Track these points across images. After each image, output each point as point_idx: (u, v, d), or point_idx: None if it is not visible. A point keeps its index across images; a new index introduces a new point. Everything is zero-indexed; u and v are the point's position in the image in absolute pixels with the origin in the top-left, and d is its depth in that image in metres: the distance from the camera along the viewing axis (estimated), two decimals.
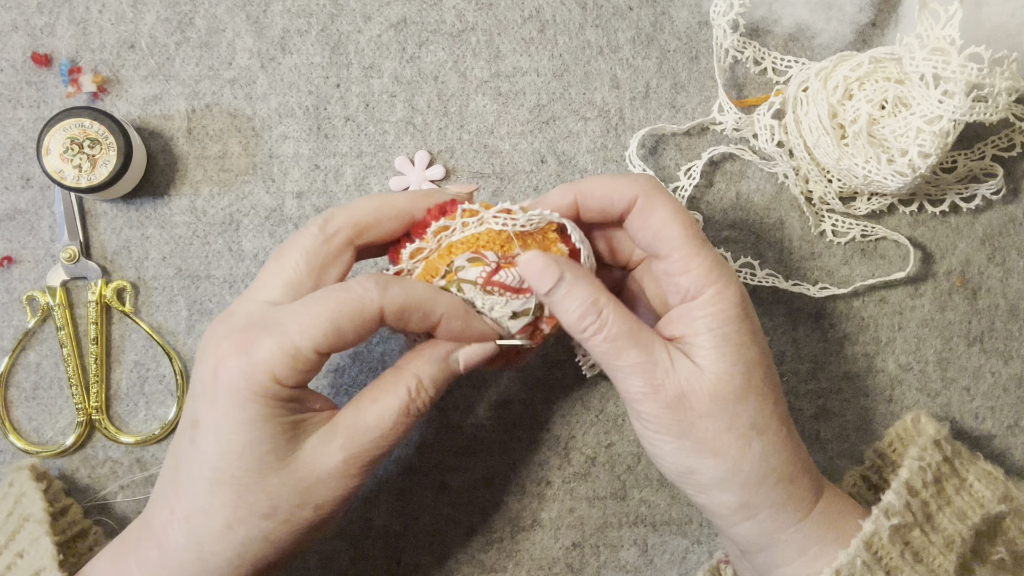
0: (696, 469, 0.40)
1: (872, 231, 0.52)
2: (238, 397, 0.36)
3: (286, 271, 0.39)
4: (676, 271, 0.40)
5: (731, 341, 0.39)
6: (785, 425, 0.40)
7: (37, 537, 0.42)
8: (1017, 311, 0.53)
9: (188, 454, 0.37)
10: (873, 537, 0.39)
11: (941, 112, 0.45)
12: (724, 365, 0.39)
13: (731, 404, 0.39)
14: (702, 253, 0.40)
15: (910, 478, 0.42)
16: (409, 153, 0.51)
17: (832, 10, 0.51)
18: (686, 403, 0.39)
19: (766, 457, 0.39)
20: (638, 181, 0.41)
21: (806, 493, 0.40)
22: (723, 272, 0.40)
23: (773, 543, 0.40)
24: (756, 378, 0.39)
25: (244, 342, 0.36)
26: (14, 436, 0.50)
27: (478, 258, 0.41)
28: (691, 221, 0.40)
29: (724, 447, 0.39)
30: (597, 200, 0.41)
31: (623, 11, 0.52)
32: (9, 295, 0.50)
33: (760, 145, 0.51)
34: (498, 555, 0.51)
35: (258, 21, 0.51)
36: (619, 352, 0.39)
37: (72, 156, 0.47)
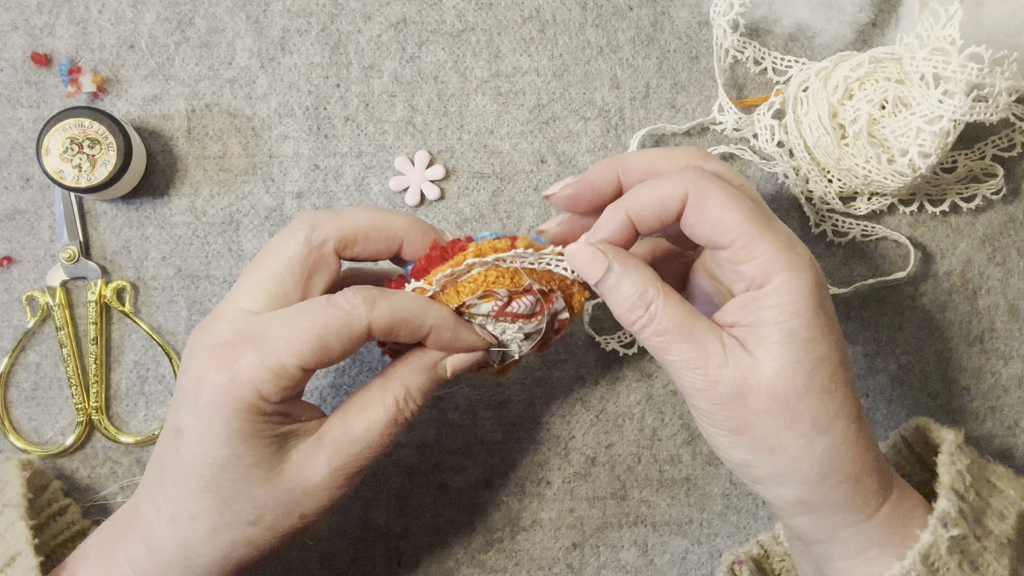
0: (752, 463, 0.38)
1: (872, 231, 0.52)
2: (222, 412, 0.36)
3: (270, 282, 0.38)
4: (740, 259, 0.37)
5: (798, 336, 0.37)
6: (854, 423, 0.38)
7: (12, 522, 0.42)
8: (1017, 311, 0.53)
9: (173, 460, 0.37)
10: (931, 548, 0.38)
11: (941, 112, 0.45)
12: (787, 361, 0.37)
13: (791, 402, 0.37)
14: (767, 237, 0.37)
15: (953, 483, 0.40)
16: (409, 153, 0.51)
17: (832, 10, 0.51)
18: (742, 399, 0.37)
19: (828, 457, 0.37)
20: (684, 176, 0.38)
21: (871, 495, 0.38)
22: (793, 257, 0.37)
23: (831, 538, 0.39)
24: (822, 376, 0.37)
25: (228, 357, 0.36)
26: (14, 436, 0.50)
27: (489, 295, 0.40)
28: (750, 204, 0.38)
29: (782, 445, 0.37)
30: (649, 208, 0.39)
31: (623, 11, 0.52)
32: (9, 295, 0.50)
33: (760, 145, 0.51)
34: (498, 555, 0.51)
35: (258, 21, 0.51)
36: (669, 346, 0.38)
37: (72, 156, 0.47)
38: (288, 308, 0.37)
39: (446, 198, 0.51)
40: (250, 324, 0.37)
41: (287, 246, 0.38)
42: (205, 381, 0.36)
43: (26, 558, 0.40)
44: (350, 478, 0.38)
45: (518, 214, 0.51)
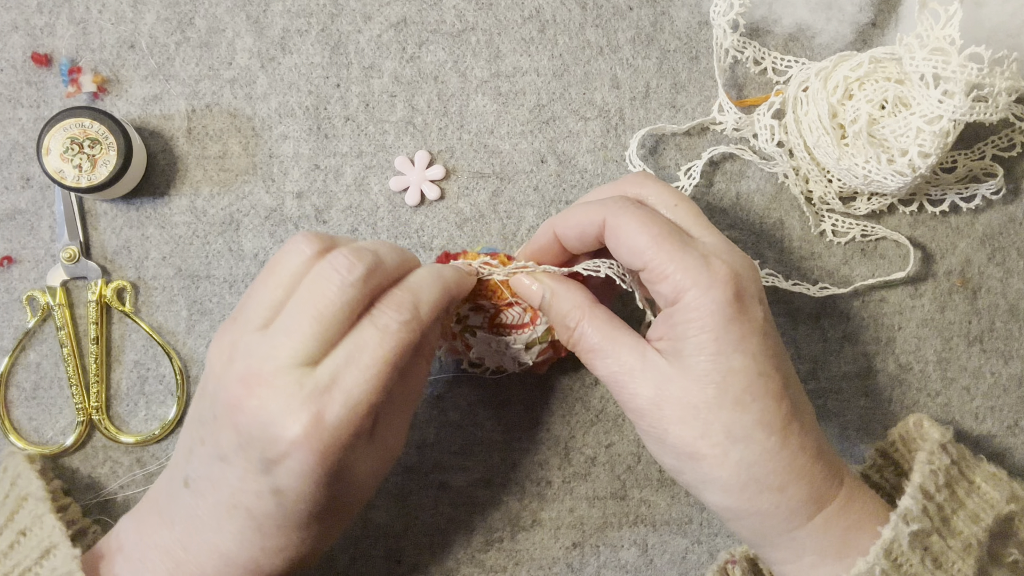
0: (679, 469, 0.40)
1: (872, 231, 0.52)
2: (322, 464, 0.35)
3: (328, 330, 0.36)
4: (654, 279, 0.39)
5: (707, 350, 0.38)
6: (776, 433, 0.38)
7: (41, 515, 0.42)
8: (1017, 311, 0.53)
9: (260, 506, 0.37)
10: (892, 544, 0.38)
11: (941, 112, 0.45)
12: (696, 374, 0.38)
13: (703, 412, 0.38)
14: (676, 258, 0.39)
15: (923, 482, 0.41)
16: (409, 153, 0.51)
17: (832, 10, 0.51)
18: (660, 409, 0.39)
19: (747, 467, 0.38)
20: (605, 203, 0.41)
21: (801, 504, 0.39)
22: (703, 275, 0.38)
23: (765, 544, 0.40)
24: (735, 388, 0.38)
25: (314, 415, 0.35)
26: (14, 436, 0.50)
27: (478, 307, 0.45)
28: (663, 227, 0.40)
29: (700, 453, 0.38)
30: (572, 230, 0.42)
31: (623, 11, 0.52)
32: (9, 295, 0.50)
33: (760, 145, 0.51)
34: (498, 555, 0.51)
35: (258, 21, 0.51)
36: (594, 362, 0.41)
37: (72, 156, 0.47)
38: (346, 348, 0.36)
39: (446, 198, 0.51)
40: (311, 378, 0.35)
41: (395, 339, 0.37)
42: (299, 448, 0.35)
43: (64, 549, 0.40)
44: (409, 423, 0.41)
45: (518, 214, 0.51)
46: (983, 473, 0.44)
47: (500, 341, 0.45)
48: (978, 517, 0.42)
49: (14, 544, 0.41)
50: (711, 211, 0.52)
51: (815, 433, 0.40)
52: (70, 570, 0.38)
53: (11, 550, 0.41)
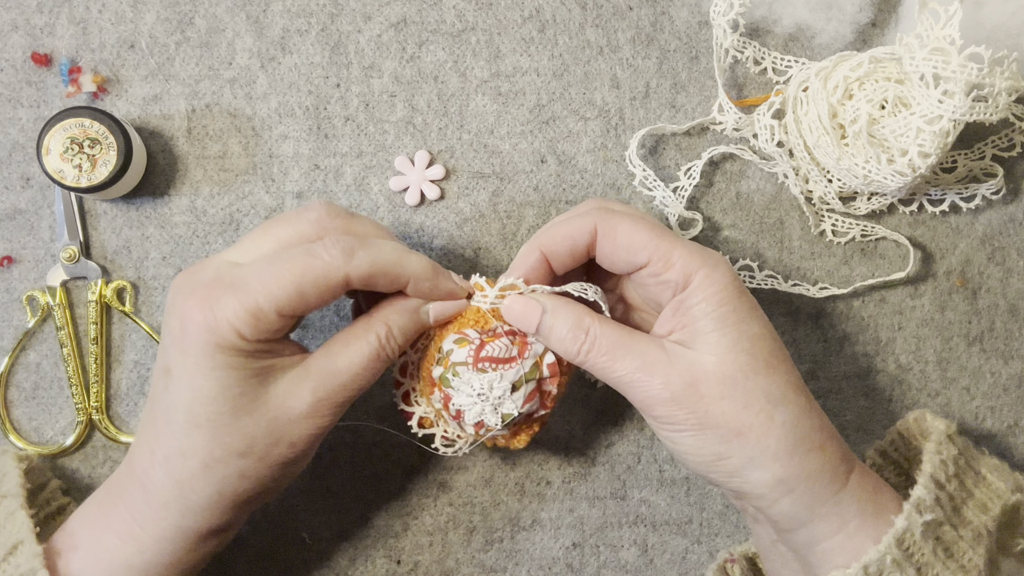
0: (724, 454, 0.39)
1: (872, 231, 0.52)
2: (206, 348, 0.37)
3: (271, 250, 0.40)
4: (660, 269, 0.40)
5: (729, 320, 0.39)
6: (803, 394, 0.40)
7: (12, 511, 0.42)
8: (1017, 311, 0.53)
9: (163, 400, 0.39)
10: (905, 533, 0.39)
11: (941, 112, 0.45)
12: (727, 344, 0.39)
13: (742, 381, 0.39)
14: (678, 245, 0.40)
15: (934, 472, 0.41)
16: (409, 153, 0.51)
17: (832, 10, 0.51)
18: (697, 392, 0.39)
19: (792, 427, 0.39)
20: (590, 212, 0.42)
21: (839, 463, 0.40)
22: (707, 256, 0.40)
23: (813, 517, 0.40)
24: (763, 351, 0.39)
25: (208, 298, 0.37)
26: (14, 436, 0.50)
27: (462, 338, 0.42)
28: (655, 222, 0.41)
29: (747, 425, 0.39)
30: (561, 244, 0.42)
31: (623, 11, 0.52)
32: (9, 295, 0.50)
33: (760, 145, 0.51)
34: (498, 555, 0.51)
35: (258, 21, 0.51)
36: (614, 363, 0.40)
37: (72, 156, 0.47)
38: (268, 256, 0.39)
39: (446, 198, 0.51)
40: (232, 270, 0.38)
41: (322, 256, 0.38)
42: (189, 320, 0.37)
43: (29, 546, 0.40)
44: (333, 408, 0.40)
45: (518, 214, 0.51)
46: (988, 464, 0.44)
47: (484, 380, 0.41)
48: (986, 507, 0.42)
49: None
50: (711, 211, 0.52)
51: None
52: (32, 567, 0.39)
53: None
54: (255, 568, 0.50)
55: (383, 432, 0.51)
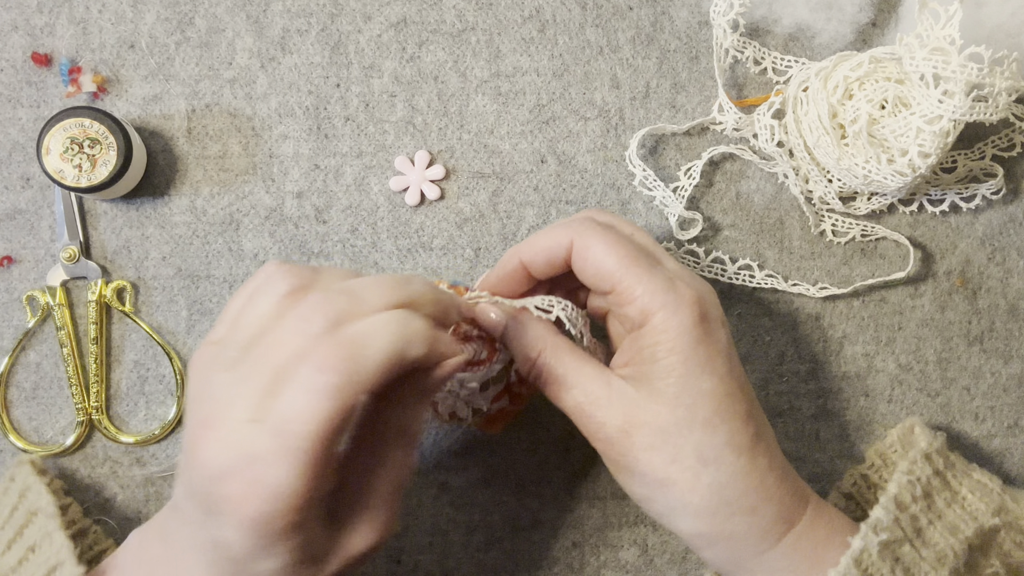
0: (649, 497, 0.40)
1: (872, 231, 0.52)
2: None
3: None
4: (622, 301, 0.39)
5: (675, 372, 0.38)
6: (745, 454, 0.38)
7: (50, 531, 0.41)
8: (1017, 311, 0.53)
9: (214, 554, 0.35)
10: (863, 554, 0.38)
11: (941, 112, 0.45)
12: (666, 397, 0.38)
13: (674, 436, 0.38)
14: (644, 280, 0.39)
15: (899, 493, 0.41)
16: (409, 153, 0.51)
17: (832, 10, 0.51)
18: (628, 438, 0.39)
19: (717, 490, 0.38)
20: (571, 225, 0.41)
21: (771, 523, 0.39)
22: (670, 297, 0.38)
23: (736, 570, 0.40)
24: (704, 409, 0.38)
25: (249, 480, 0.32)
26: (14, 436, 0.50)
27: None
28: (630, 250, 0.39)
29: (672, 479, 0.38)
30: (539, 254, 0.42)
31: (623, 11, 0.52)
32: (9, 295, 0.50)
33: (760, 145, 0.51)
34: (498, 555, 0.51)
35: (258, 21, 0.51)
36: (559, 394, 0.41)
37: (72, 156, 0.47)
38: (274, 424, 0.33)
39: (446, 198, 0.51)
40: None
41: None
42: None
43: (69, 568, 0.39)
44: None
45: (518, 214, 0.51)
46: (971, 483, 0.44)
47: (455, 380, 0.43)
48: (957, 528, 0.42)
49: (23, 560, 0.41)
50: (711, 211, 0.52)
51: (779, 454, 0.41)
52: None
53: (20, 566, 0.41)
54: None
55: None
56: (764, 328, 0.52)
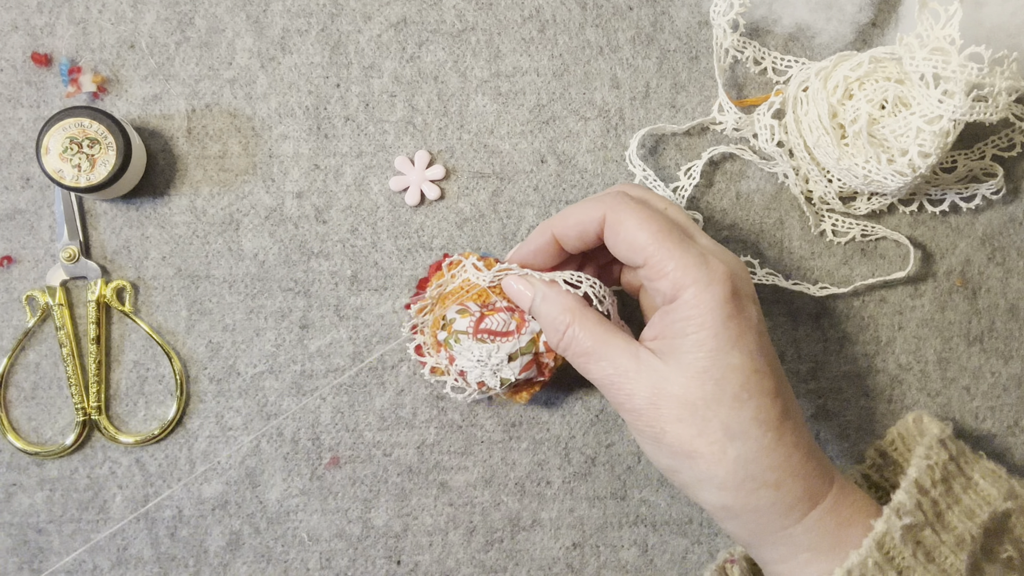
0: (676, 468, 0.40)
1: (872, 231, 0.52)
2: None
3: None
4: (654, 276, 0.40)
5: (706, 347, 0.38)
6: (772, 430, 0.39)
7: None
8: (1017, 311, 0.53)
9: None
10: (885, 537, 0.39)
11: (941, 112, 0.45)
12: (695, 371, 0.38)
13: (702, 409, 0.38)
14: (676, 255, 0.39)
15: (919, 477, 0.42)
16: (409, 153, 0.51)
17: (832, 10, 0.51)
18: (656, 409, 0.39)
19: (744, 463, 0.38)
20: (604, 199, 0.41)
21: (796, 500, 0.39)
22: (702, 272, 0.39)
23: (761, 543, 0.40)
24: (733, 384, 0.38)
25: None
26: (13, 436, 0.50)
27: (464, 309, 0.45)
28: (663, 224, 0.40)
29: (699, 452, 0.39)
30: (572, 228, 0.42)
31: (623, 11, 0.52)
32: (9, 295, 0.50)
33: (760, 145, 0.51)
34: (498, 555, 0.51)
35: (258, 21, 0.51)
36: (587, 365, 0.41)
37: (71, 156, 0.47)
38: None
39: (446, 198, 0.51)
40: None
41: None
42: None
43: None
44: None
45: (518, 214, 0.51)
46: (982, 469, 0.44)
47: (483, 349, 0.45)
48: (973, 513, 0.42)
49: None
50: (711, 211, 0.52)
51: (807, 433, 0.41)
52: None
53: None
54: (255, 568, 0.50)
55: (383, 432, 0.51)
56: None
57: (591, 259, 0.46)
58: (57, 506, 0.50)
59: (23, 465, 0.50)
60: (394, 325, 0.51)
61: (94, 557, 0.50)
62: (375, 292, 0.51)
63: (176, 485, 0.50)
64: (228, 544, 0.50)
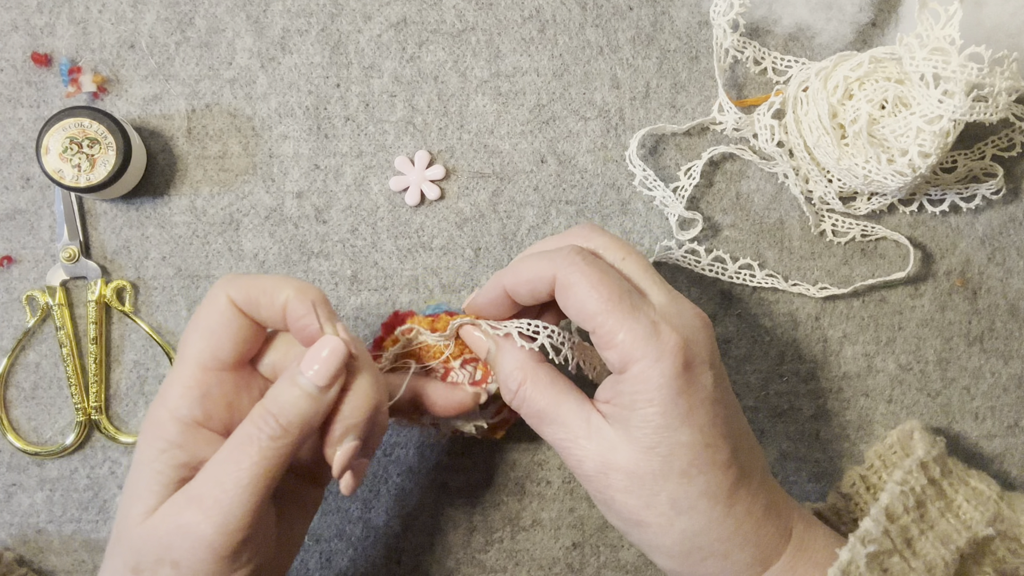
0: (626, 532, 0.40)
1: (872, 231, 0.52)
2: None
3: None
4: (603, 345, 0.38)
5: (653, 423, 0.37)
6: (721, 503, 0.38)
7: None
8: (1017, 311, 0.53)
9: None
10: (850, 565, 0.38)
11: (941, 112, 0.45)
12: (642, 447, 0.38)
13: (649, 483, 0.38)
14: (626, 326, 0.37)
15: (890, 504, 0.41)
16: (409, 153, 0.51)
17: (832, 10, 0.51)
18: (605, 477, 0.38)
19: (690, 536, 0.38)
20: (555, 258, 0.39)
21: (744, 567, 0.39)
22: (651, 346, 0.37)
23: None
24: (681, 461, 0.37)
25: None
26: (13, 436, 0.50)
27: (427, 370, 0.44)
28: (613, 289, 0.38)
29: (644, 521, 0.38)
30: (523, 286, 0.40)
31: (623, 11, 0.52)
32: (9, 295, 0.50)
33: (760, 145, 0.51)
34: (498, 555, 0.51)
35: (258, 21, 0.51)
36: (540, 427, 0.41)
37: (71, 156, 0.47)
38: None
39: (446, 198, 0.51)
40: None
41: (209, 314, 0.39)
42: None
43: None
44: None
45: (518, 214, 0.51)
46: (967, 491, 0.44)
47: None
48: (949, 538, 0.42)
49: None
50: (711, 211, 0.52)
51: (765, 493, 0.40)
52: None
53: None
54: None
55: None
56: (764, 328, 0.52)
57: (550, 306, 0.44)
58: (57, 506, 0.50)
59: (23, 465, 0.50)
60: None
61: (94, 557, 0.50)
62: (375, 292, 0.51)
63: None
64: None
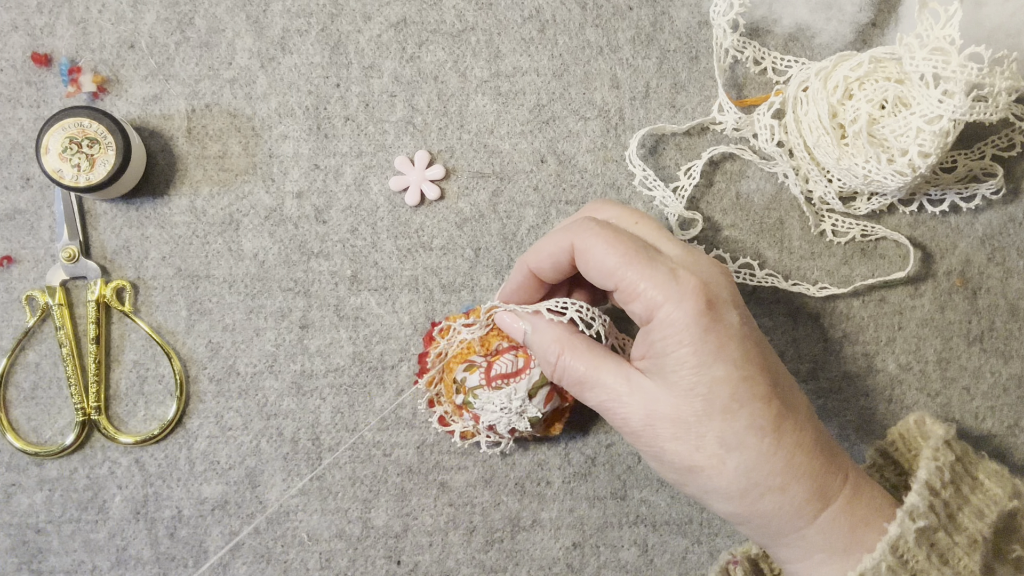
0: (681, 482, 0.40)
1: (872, 231, 0.52)
2: None
3: None
4: (626, 299, 0.39)
5: (688, 364, 0.38)
6: (769, 435, 0.39)
7: None
8: (1017, 311, 0.53)
9: None
10: (899, 541, 0.39)
11: (941, 112, 0.45)
12: (681, 389, 0.38)
13: (694, 425, 0.38)
14: (646, 275, 0.39)
15: (929, 478, 0.41)
16: (409, 153, 0.51)
17: (832, 10, 0.51)
18: (653, 430, 0.39)
19: (745, 472, 0.38)
20: (571, 227, 0.41)
21: (804, 502, 0.39)
22: (673, 289, 0.38)
23: (774, 544, 0.40)
24: (721, 396, 0.38)
25: None
26: (12, 436, 0.50)
27: (470, 365, 0.46)
28: (629, 245, 0.39)
29: (699, 466, 0.39)
30: (545, 261, 0.42)
31: (623, 11, 0.52)
32: (9, 295, 0.50)
33: (760, 145, 0.51)
34: (498, 555, 0.51)
35: (258, 21, 0.51)
36: (583, 393, 0.41)
37: (71, 156, 0.47)
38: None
39: (446, 198, 0.51)
40: None
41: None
42: None
43: None
44: None
45: (518, 214, 0.51)
46: (986, 470, 0.44)
47: (502, 395, 0.45)
48: (983, 513, 0.42)
49: None
50: (711, 211, 0.52)
51: (812, 428, 0.40)
52: None
53: None
54: (255, 568, 0.50)
55: (383, 432, 0.51)
56: (764, 328, 0.52)
57: (579, 284, 0.46)
58: (56, 506, 0.50)
59: (23, 465, 0.50)
60: (393, 326, 0.51)
61: (93, 557, 0.50)
62: (375, 292, 0.51)
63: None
64: (228, 544, 0.50)
